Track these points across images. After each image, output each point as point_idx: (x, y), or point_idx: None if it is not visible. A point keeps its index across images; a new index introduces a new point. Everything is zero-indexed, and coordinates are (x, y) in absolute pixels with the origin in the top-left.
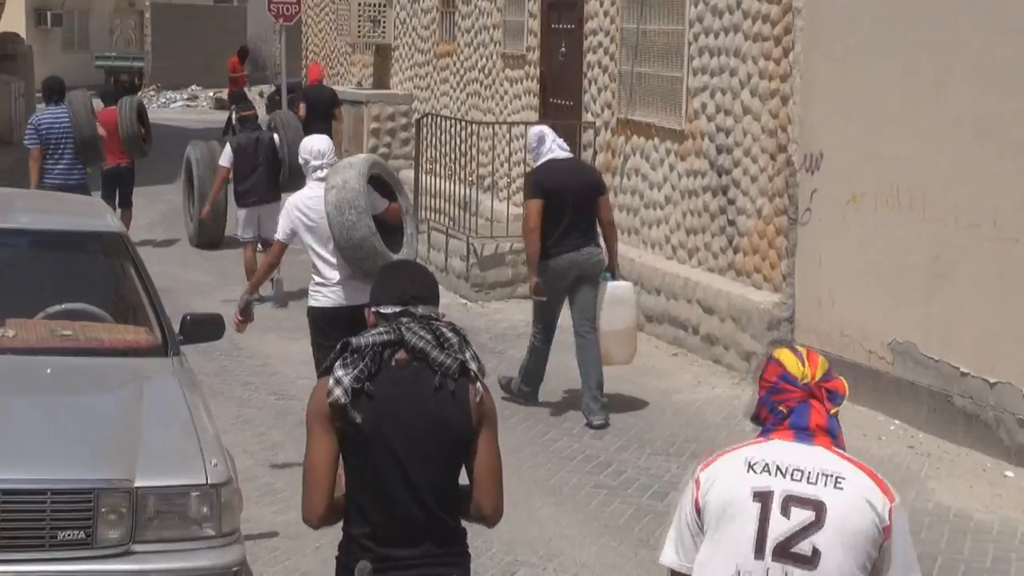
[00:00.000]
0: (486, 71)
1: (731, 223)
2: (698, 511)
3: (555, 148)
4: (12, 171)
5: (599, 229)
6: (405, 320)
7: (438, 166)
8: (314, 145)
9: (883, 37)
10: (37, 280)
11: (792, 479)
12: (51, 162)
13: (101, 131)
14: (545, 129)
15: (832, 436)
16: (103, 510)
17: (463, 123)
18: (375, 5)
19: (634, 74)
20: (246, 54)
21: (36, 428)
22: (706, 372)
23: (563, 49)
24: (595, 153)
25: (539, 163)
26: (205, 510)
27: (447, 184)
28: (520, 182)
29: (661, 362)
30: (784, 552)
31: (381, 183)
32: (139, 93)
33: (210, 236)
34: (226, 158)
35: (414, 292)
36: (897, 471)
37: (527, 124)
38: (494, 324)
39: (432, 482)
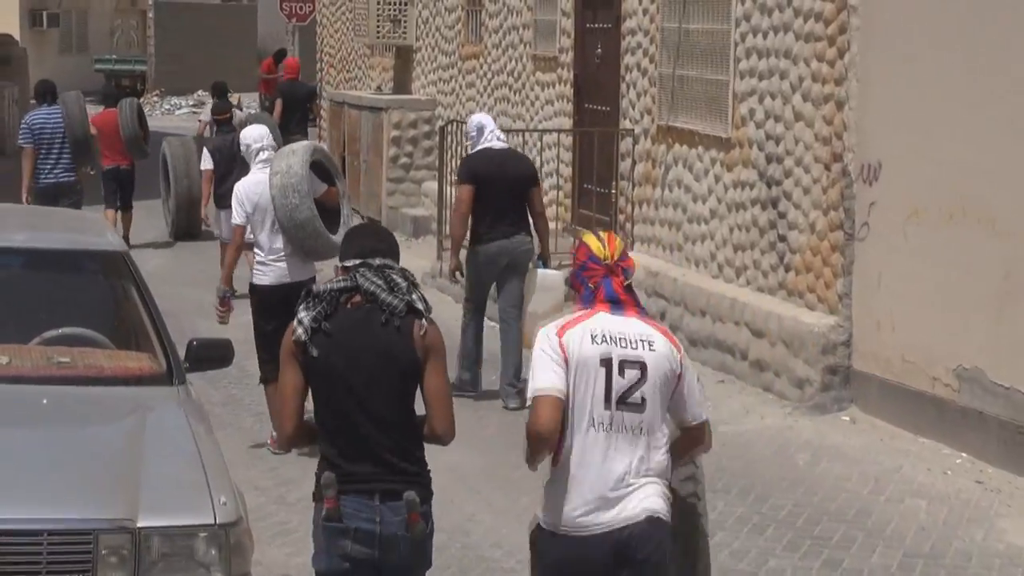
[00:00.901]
0: (515, 74)
1: (782, 239)
2: (566, 360)
3: (492, 138)
4: (4, 183)
5: (531, 219)
6: (362, 269)
7: None
8: (251, 132)
9: (948, 35)
10: (32, 303)
11: (621, 347)
12: (44, 161)
13: (94, 131)
14: (486, 119)
15: (637, 305)
16: (103, 552)
17: None
18: (395, 3)
19: (676, 77)
20: (283, 56)
21: (31, 463)
22: (755, 401)
23: (599, 50)
24: (633, 163)
25: (475, 150)
26: (213, 552)
27: None
28: (553, 194)
29: (707, 390)
30: (623, 401)
31: (321, 169)
32: (141, 99)
33: (185, 228)
34: (207, 161)
35: (372, 246)
36: (964, 508)
37: (560, 132)
38: (525, 349)
39: (385, 406)
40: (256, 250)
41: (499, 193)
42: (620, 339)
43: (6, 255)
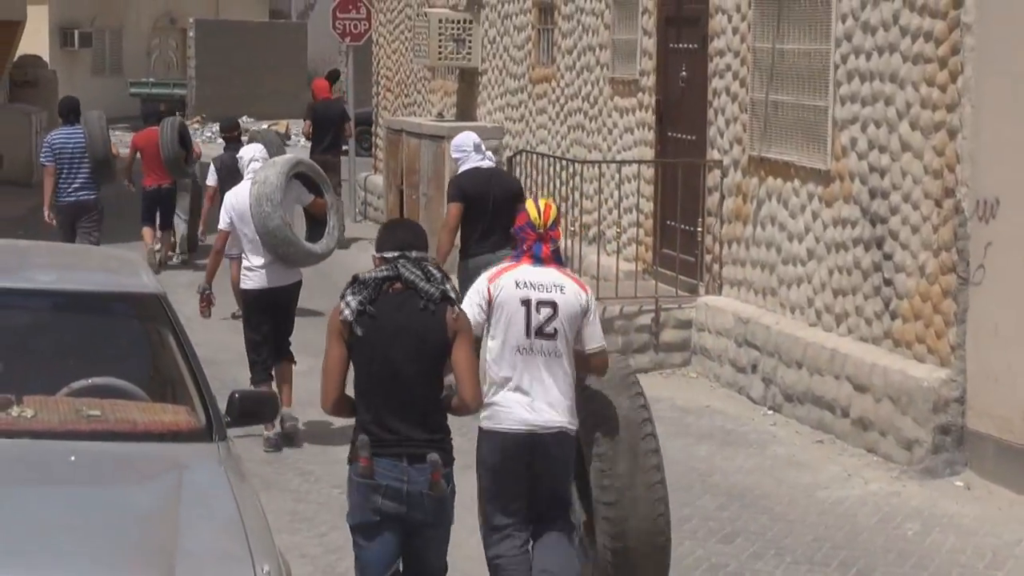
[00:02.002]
0: (591, 99)
1: (888, 283)
2: (489, 302)
3: (479, 159)
4: (33, 218)
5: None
6: (401, 261)
7: None
8: (248, 148)
9: None
10: (60, 350)
11: (538, 291)
12: (65, 180)
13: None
14: (477, 138)
15: (557, 261)
16: None
17: (563, 161)
18: (459, 22)
19: (769, 103)
20: (336, 78)
21: (55, 528)
22: (858, 463)
23: (684, 73)
24: (722, 198)
25: (463, 169)
26: None
27: None
28: (633, 231)
29: (803, 451)
30: (540, 332)
31: (308, 181)
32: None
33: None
34: (212, 178)
35: (409, 240)
36: None
37: (640, 163)
38: None
39: (418, 379)
40: (243, 256)
41: (486, 210)
42: (538, 285)
43: (32, 298)
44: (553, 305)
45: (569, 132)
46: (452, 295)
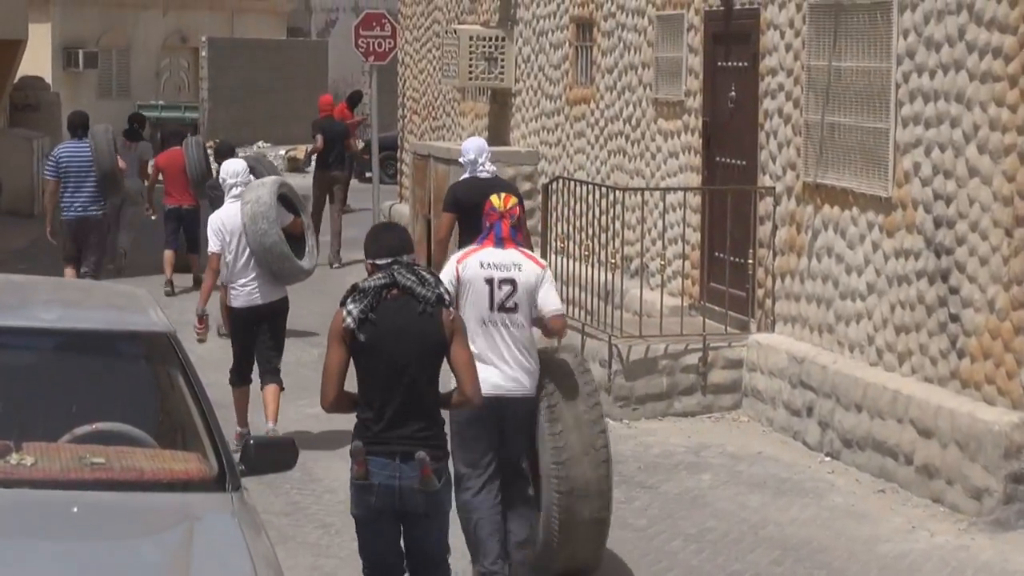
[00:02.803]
0: (633, 122)
1: (954, 319)
2: (458, 280)
3: (479, 169)
4: (34, 250)
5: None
6: (395, 267)
7: (571, 244)
8: (228, 167)
9: None
10: (62, 393)
11: (499, 271)
12: (70, 195)
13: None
14: (484, 145)
15: (516, 242)
16: None
17: (604, 189)
18: (491, 39)
19: (825, 125)
20: (358, 100)
21: None
22: (923, 514)
23: (732, 93)
24: (774, 228)
25: (461, 179)
26: None
27: (583, 267)
28: (678, 264)
29: (863, 501)
30: (502, 307)
31: (287, 201)
32: None
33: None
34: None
35: (398, 245)
36: None
37: (686, 190)
38: (644, 450)
39: (419, 376)
40: (232, 274)
41: (481, 218)
42: (499, 265)
43: (33, 337)
44: (512, 283)
45: (609, 157)
46: (446, 298)
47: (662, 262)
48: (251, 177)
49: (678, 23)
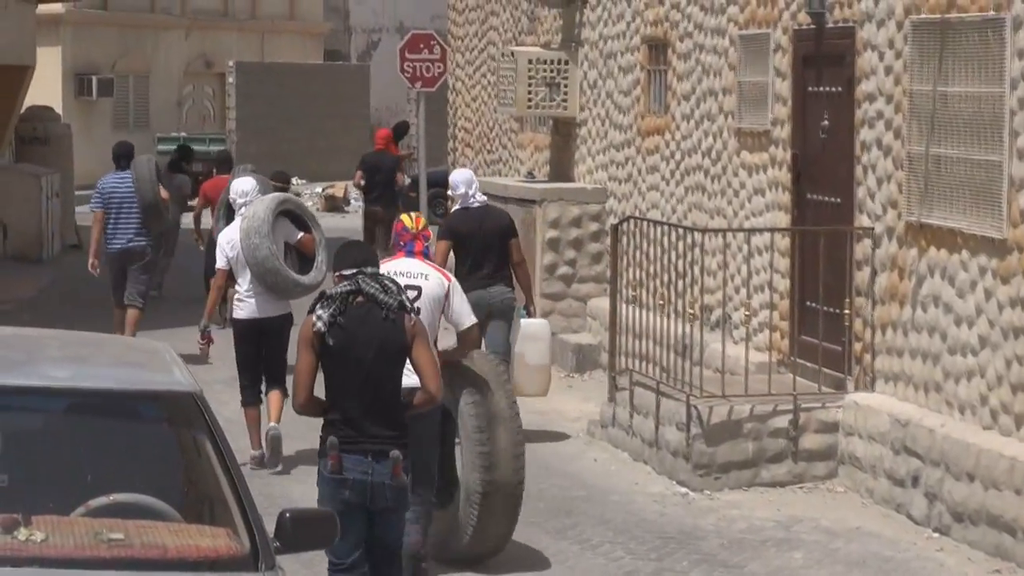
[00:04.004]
0: (713, 155)
1: None
2: None
3: (472, 198)
4: (45, 300)
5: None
6: (360, 276)
7: (644, 292)
8: (239, 187)
9: None
10: (76, 461)
11: (406, 277)
12: (114, 227)
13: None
14: (472, 176)
15: (425, 256)
16: None
17: (680, 230)
18: (552, 63)
19: (931, 158)
20: (404, 132)
21: None
22: None
23: (825, 122)
24: (874, 273)
25: (455, 209)
26: None
27: (657, 318)
28: (765, 314)
29: None
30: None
31: (297, 218)
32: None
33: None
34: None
35: (363, 258)
36: None
37: (774, 231)
38: (727, 524)
39: (384, 378)
40: (235, 287)
41: (478, 247)
42: (407, 273)
43: (44, 397)
44: (418, 289)
45: (687, 194)
46: (408, 304)
47: (747, 312)
48: (259, 196)
49: (763, 44)
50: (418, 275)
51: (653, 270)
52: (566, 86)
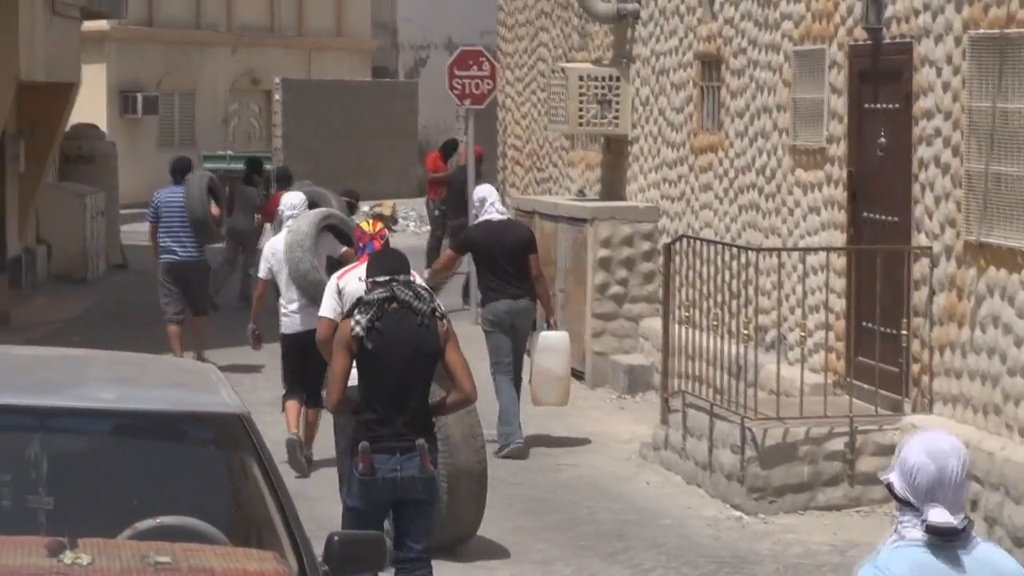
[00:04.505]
0: (768, 173)
1: None
2: (339, 292)
3: (492, 211)
4: (90, 320)
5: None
6: (394, 284)
7: (697, 312)
8: (288, 200)
9: None
10: (122, 483)
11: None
12: (167, 239)
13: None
14: (488, 192)
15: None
16: None
17: (734, 249)
18: (604, 79)
19: (990, 175)
20: (453, 149)
21: None
22: None
23: (882, 139)
24: (931, 293)
25: (475, 222)
26: None
27: (711, 339)
28: (820, 335)
29: None
30: None
31: (340, 233)
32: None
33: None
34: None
35: (396, 267)
36: None
37: (829, 250)
38: (782, 549)
39: (417, 378)
40: (280, 301)
41: (498, 260)
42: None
43: (89, 419)
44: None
45: (740, 213)
46: (440, 311)
47: (802, 333)
48: (307, 209)
49: (818, 59)
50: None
51: (706, 290)
52: (618, 103)
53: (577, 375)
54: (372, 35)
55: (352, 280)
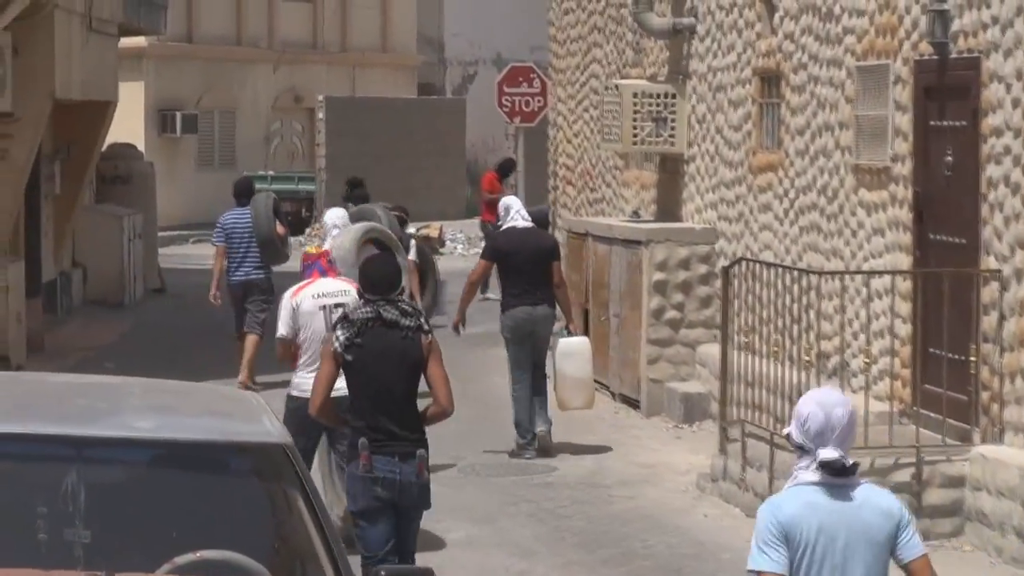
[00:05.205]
0: (830, 193)
1: None
2: (294, 310)
3: (517, 218)
4: (127, 347)
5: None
6: (380, 305)
7: (756, 338)
8: (330, 214)
9: None
10: (161, 515)
11: (330, 298)
12: (235, 260)
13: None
14: (513, 201)
15: (333, 270)
16: None
17: (795, 272)
18: (659, 96)
19: None
20: (510, 170)
21: None
22: None
23: (949, 158)
24: (1001, 318)
25: (501, 230)
26: None
27: (771, 366)
28: (885, 362)
29: None
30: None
31: (382, 246)
32: (307, 231)
33: None
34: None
35: (386, 285)
36: None
37: (894, 274)
38: None
39: (402, 391)
40: None
41: (522, 266)
42: (329, 294)
43: (127, 448)
44: (343, 305)
45: (801, 235)
46: (425, 326)
47: (866, 360)
48: (348, 224)
49: (882, 75)
50: (339, 293)
51: (766, 315)
52: (673, 121)
53: (632, 403)
54: (418, 51)
55: (306, 298)
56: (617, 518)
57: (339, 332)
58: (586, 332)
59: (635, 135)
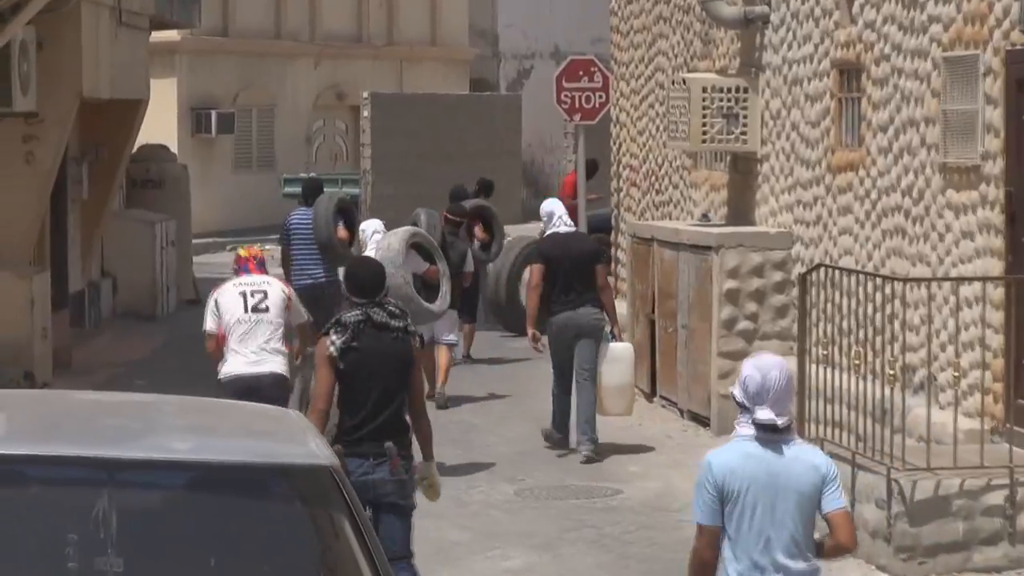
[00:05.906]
0: (915, 193)
1: None
2: (217, 303)
3: (559, 223)
4: (160, 362)
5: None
6: (369, 308)
7: (836, 350)
8: (369, 222)
9: None
10: (199, 541)
11: (251, 286)
12: (299, 262)
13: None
14: (555, 206)
15: (261, 270)
16: None
17: (878, 279)
18: (730, 91)
19: None
20: (594, 171)
21: None
22: None
23: None
24: None
25: (546, 234)
26: None
27: (851, 379)
28: (975, 375)
29: None
30: (256, 309)
31: (424, 251)
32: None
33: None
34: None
35: (373, 288)
36: None
37: (985, 280)
38: None
39: (393, 392)
40: None
41: (565, 270)
42: (250, 283)
43: (161, 472)
44: (264, 292)
45: (884, 239)
46: (412, 329)
47: (955, 373)
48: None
49: (971, 67)
50: (262, 283)
51: (846, 325)
52: (745, 117)
53: (702, 421)
54: (470, 44)
55: (227, 289)
56: (685, 544)
57: (333, 336)
58: (652, 344)
59: (704, 133)
